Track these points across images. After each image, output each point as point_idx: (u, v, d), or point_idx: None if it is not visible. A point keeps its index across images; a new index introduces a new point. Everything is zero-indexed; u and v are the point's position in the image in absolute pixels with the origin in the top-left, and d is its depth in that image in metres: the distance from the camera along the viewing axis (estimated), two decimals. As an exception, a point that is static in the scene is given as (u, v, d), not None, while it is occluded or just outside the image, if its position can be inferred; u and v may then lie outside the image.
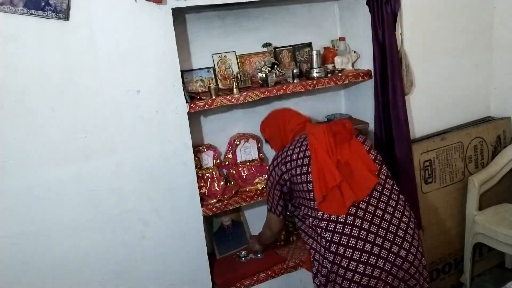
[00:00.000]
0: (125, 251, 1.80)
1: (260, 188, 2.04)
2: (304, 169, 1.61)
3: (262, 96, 1.94)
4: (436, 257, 2.44)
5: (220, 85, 2.07)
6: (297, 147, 1.68)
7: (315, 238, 1.59)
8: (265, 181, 1.87)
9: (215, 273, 2.03)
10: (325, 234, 1.52)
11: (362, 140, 1.69)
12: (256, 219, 2.27)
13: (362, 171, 1.58)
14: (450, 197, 2.42)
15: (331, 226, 1.51)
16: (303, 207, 1.66)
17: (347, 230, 1.49)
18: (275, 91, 1.97)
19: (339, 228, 1.50)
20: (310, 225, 1.61)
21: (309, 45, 2.31)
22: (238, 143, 2.16)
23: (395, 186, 1.63)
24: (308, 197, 1.60)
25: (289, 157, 1.67)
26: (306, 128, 1.74)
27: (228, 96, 1.89)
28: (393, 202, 1.57)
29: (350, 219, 1.50)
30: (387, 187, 1.60)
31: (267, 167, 1.83)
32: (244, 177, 2.17)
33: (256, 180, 2.10)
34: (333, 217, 1.52)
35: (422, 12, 2.28)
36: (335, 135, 1.64)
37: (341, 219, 1.51)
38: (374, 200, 1.55)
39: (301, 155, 1.64)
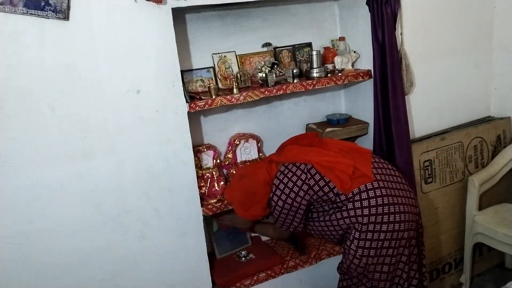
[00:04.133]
0: (125, 251, 1.80)
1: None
2: (313, 181, 1.76)
3: (262, 96, 1.94)
4: (436, 257, 2.44)
5: (220, 85, 2.07)
6: (292, 175, 1.79)
7: (353, 219, 1.73)
8: (275, 207, 1.83)
9: (215, 273, 2.03)
10: (365, 202, 1.71)
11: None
12: None
13: (356, 149, 1.90)
14: (450, 197, 2.42)
15: (367, 194, 1.71)
16: (330, 205, 1.80)
17: (378, 192, 1.72)
18: (275, 91, 1.97)
19: (373, 192, 1.72)
20: (344, 216, 1.74)
21: (309, 45, 2.31)
22: (238, 143, 2.16)
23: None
24: (332, 195, 1.75)
25: (295, 186, 1.78)
26: (279, 160, 1.89)
27: (228, 96, 1.89)
28: (385, 164, 1.87)
29: (375, 183, 1.74)
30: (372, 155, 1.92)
31: (272, 208, 1.85)
32: (244, 177, 2.17)
33: (256, 180, 2.09)
34: (367, 186, 1.73)
35: (422, 12, 2.28)
36: (311, 144, 1.90)
37: (369, 186, 1.73)
38: (376, 164, 1.83)
39: (303, 176, 1.78)
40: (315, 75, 2.11)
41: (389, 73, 2.09)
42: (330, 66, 2.22)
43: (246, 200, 1.88)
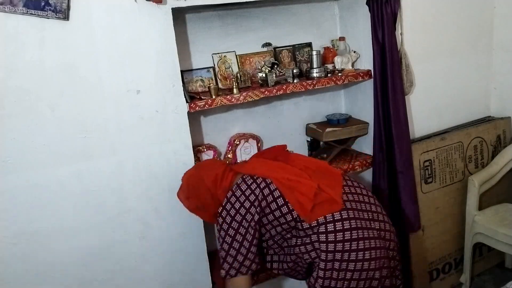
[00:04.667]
0: (125, 251, 1.80)
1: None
2: (272, 198, 1.53)
3: (262, 96, 1.94)
4: (436, 257, 2.44)
5: (220, 85, 2.07)
6: (246, 188, 1.56)
7: (317, 253, 1.51)
8: (219, 239, 1.56)
9: (215, 273, 2.03)
10: (327, 236, 1.48)
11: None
12: None
13: (326, 169, 1.64)
14: (450, 197, 2.42)
15: (333, 226, 1.48)
16: (284, 233, 1.57)
17: (346, 224, 1.48)
18: (275, 91, 1.97)
19: (341, 225, 1.48)
20: (308, 249, 1.52)
21: (309, 45, 2.31)
22: (238, 143, 2.16)
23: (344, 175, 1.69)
24: (290, 218, 1.52)
25: (247, 200, 1.53)
26: (238, 170, 1.67)
27: (228, 96, 1.89)
28: (358, 188, 1.63)
29: (344, 214, 1.50)
30: (345, 176, 1.67)
31: (219, 225, 1.56)
32: (244, 177, 2.17)
33: (256, 180, 2.09)
34: (335, 216, 1.50)
35: (422, 12, 2.28)
36: (276, 158, 1.67)
37: (337, 216, 1.50)
38: (347, 188, 1.59)
39: (257, 191, 1.54)
40: (315, 75, 2.11)
41: (389, 73, 2.09)
42: (330, 66, 2.22)
43: (186, 188, 1.69)
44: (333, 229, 1.48)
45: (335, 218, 1.49)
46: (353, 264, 1.46)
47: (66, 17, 1.54)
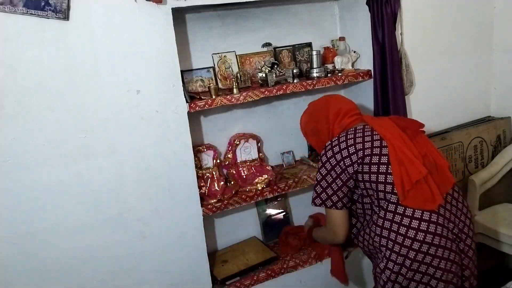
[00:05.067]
0: (125, 251, 1.80)
1: (260, 188, 2.04)
2: (378, 159, 1.49)
3: (262, 96, 1.94)
4: (436, 257, 2.43)
5: (220, 85, 2.07)
6: (359, 136, 1.54)
7: (385, 234, 1.48)
8: (317, 175, 1.61)
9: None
10: (404, 230, 1.43)
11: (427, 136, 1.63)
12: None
13: (444, 167, 1.53)
14: (450, 197, 2.42)
15: (415, 224, 1.43)
16: (371, 201, 1.55)
17: (431, 228, 1.42)
18: (275, 91, 1.97)
19: (423, 226, 1.42)
20: (377, 220, 1.50)
21: (309, 45, 2.31)
22: (238, 143, 2.16)
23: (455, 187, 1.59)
24: (386, 190, 1.48)
25: (353, 146, 1.53)
26: (365, 120, 1.64)
27: (228, 96, 1.89)
28: (461, 204, 1.55)
29: (434, 217, 1.44)
30: (455, 187, 1.57)
31: (321, 159, 1.61)
32: (244, 177, 2.17)
33: (256, 180, 2.09)
34: (417, 214, 1.43)
35: (422, 12, 2.28)
36: (404, 129, 1.57)
37: (426, 216, 1.43)
38: (451, 198, 1.51)
39: (368, 144, 1.52)
40: (315, 75, 2.11)
41: (389, 73, 2.09)
42: (330, 66, 2.22)
43: (310, 112, 1.79)
44: (417, 226, 1.42)
45: (424, 218, 1.43)
46: (425, 267, 1.43)
47: (66, 17, 1.54)
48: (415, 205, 1.44)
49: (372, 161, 1.50)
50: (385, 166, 1.49)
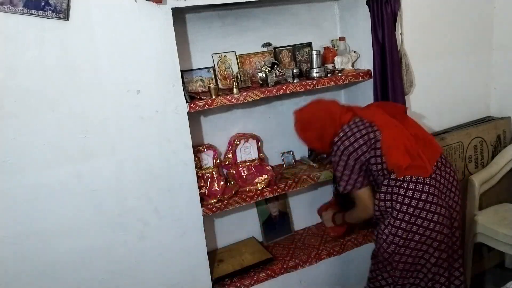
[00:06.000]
0: (125, 251, 1.80)
1: (260, 188, 2.04)
2: (380, 146, 1.77)
3: (262, 96, 1.94)
4: (436, 257, 2.43)
5: (220, 85, 2.07)
6: (362, 129, 1.80)
7: (388, 198, 1.76)
8: (337, 168, 1.84)
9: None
10: (403, 192, 1.73)
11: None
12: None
13: (431, 140, 1.87)
14: (450, 197, 2.42)
15: (412, 186, 1.72)
16: (377, 175, 1.81)
17: (425, 189, 1.72)
18: (275, 91, 1.97)
19: (419, 187, 1.72)
20: (381, 188, 1.79)
21: (309, 45, 2.31)
22: (238, 143, 2.16)
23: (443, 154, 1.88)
24: (380, 168, 1.78)
25: (361, 139, 1.78)
26: (357, 113, 1.89)
27: (228, 96, 1.89)
28: (448, 169, 1.83)
29: (427, 181, 1.73)
30: (442, 155, 1.86)
31: (334, 152, 1.84)
32: (244, 177, 2.17)
33: (256, 180, 2.10)
34: (413, 179, 1.73)
35: (422, 12, 2.28)
36: (395, 116, 1.86)
37: (420, 180, 1.73)
38: (440, 164, 1.80)
39: (371, 135, 1.79)
40: (315, 75, 2.11)
41: (389, 73, 2.09)
42: (330, 66, 2.22)
43: (304, 121, 1.94)
44: (413, 187, 1.72)
45: (419, 181, 1.72)
46: (421, 221, 1.71)
47: (66, 17, 1.54)
48: (412, 174, 1.74)
49: (377, 147, 1.78)
50: (379, 150, 1.78)
